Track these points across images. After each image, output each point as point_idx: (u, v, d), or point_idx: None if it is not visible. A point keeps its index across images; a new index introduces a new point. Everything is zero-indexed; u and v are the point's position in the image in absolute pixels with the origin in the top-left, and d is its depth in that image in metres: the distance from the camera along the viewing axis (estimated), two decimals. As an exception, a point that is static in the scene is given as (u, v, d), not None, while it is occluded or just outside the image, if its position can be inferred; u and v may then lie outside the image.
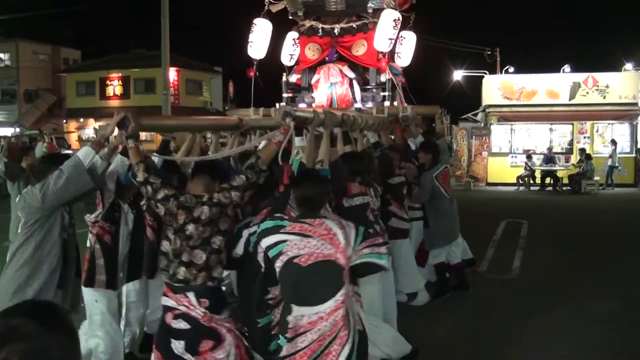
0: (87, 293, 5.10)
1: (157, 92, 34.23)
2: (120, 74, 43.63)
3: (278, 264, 3.81)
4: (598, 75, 25.32)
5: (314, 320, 3.67)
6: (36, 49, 46.85)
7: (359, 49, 8.33)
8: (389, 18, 7.99)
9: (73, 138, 44.23)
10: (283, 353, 3.77)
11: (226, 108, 44.78)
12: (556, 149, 24.64)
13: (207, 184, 4.36)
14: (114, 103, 43.35)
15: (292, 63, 8.78)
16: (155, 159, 5.41)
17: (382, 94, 8.22)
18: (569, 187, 22.55)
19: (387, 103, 7.86)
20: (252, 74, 8.86)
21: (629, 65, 32.43)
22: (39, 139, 14.28)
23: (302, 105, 7.59)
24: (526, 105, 25.46)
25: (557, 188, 22.83)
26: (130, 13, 73.46)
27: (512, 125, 25.05)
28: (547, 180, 23.01)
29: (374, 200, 5.54)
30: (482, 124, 26.69)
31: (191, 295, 4.07)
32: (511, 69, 31.91)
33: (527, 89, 25.91)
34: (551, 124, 25.11)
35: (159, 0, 26.13)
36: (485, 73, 28.62)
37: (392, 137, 7.53)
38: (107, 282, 5.08)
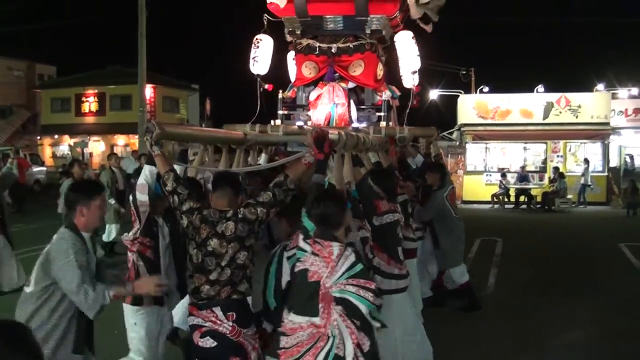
0: (130, 314, 4.90)
1: (134, 109, 34.05)
2: (96, 91, 43.32)
3: (294, 270, 3.94)
4: (571, 96, 25.70)
5: (294, 327, 3.81)
6: (11, 64, 46.36)
7: (356, 69, 8.38)
8: (408, 37, 8.28)
9: (47, 154, 43.83)
10: (280, 344, 3.93)
11: (203, 125, 44.71)
12: (530, 168, 24.95)
13: (230, 198, 4.30)
14: (90, 119, 43.16)
15: (292, 81, 8.87)
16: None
17: (377, 114, 8.27)
18: (543, 205, 22.77)
19: (382, 123, 7.94)
20: (262, 88, 8.84)
21: (600, 86, 32.98)
22: (12, 154, 14.16)
23: (299, 123, 7.64)
24: (500, 125, 25.73)
25: (531, 206, 23.08)
26: (107, 29, 73.21)
27: (486, 143, 25.33)
28: (522, 198, 23.27)
29: (401, 216, 5.61)
30: (458, 143, 26.94)
31: (217, 310, 4.05)
32: (486, 89, 32.28)
33: (502, 109, 26.21)
34: (525, 143, 25.42)
35: (136, 17, 26.14)
36: (461, 92, 28.91)
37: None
38: (154, 298, 4.89)
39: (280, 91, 8.64)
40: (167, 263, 5.09)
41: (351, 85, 8.50)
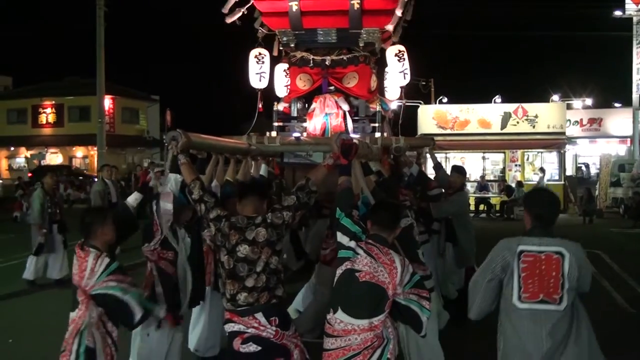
0: (146, 323, 4.79)
1: (92, 120, 33.63)
2: (53, 102, 42.61)
3: (342, 268, 3.98)
4: (527, 106, 26.27)
5: (347, 330, 3.88)
6: (-36, 76, 45.49)
7: (350, 81, 8.48)
8: (392, 53, 8.38)
9: (3, 166, 42.93)
10: (324, 345, 3.99)
11: (164, 137, 44.32)
12: (489, 177, 25.35)
13: (256, 205, 4.36)
14: (47, 131, 42.36)
15: (286, 94, 8.85)
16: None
17: (371, 125, 8.34)
18: (502, 214, 23.10)
19: (377, 134, 7.98)
20: (260, 105, 8.87)
21: (555, 97, 33.82)
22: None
23: (295, 134, 7.69)
24: (460, 135, 26.14)
25: (491, 214, 23.41)
26: (65, 40, 72.27)
27: (446, 153, 25.65)
28: (481, 207, 23.58)
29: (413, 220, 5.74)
30: (417, 152, 27.16)
31: (259, 316, 4.10)
32: (445, 99, 32.76)
33: (461, 119, 26.66)
34: (484, 153, 25.85)
35: (94, 28, 25.89)
36: (420, 103, 29.26)
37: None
38: (167, 310, 4.92)
39: (276, 103, 8.69)
40: (184, 276, 5.12)
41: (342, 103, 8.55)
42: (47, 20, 67.82)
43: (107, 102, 35.50)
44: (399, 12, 8.21)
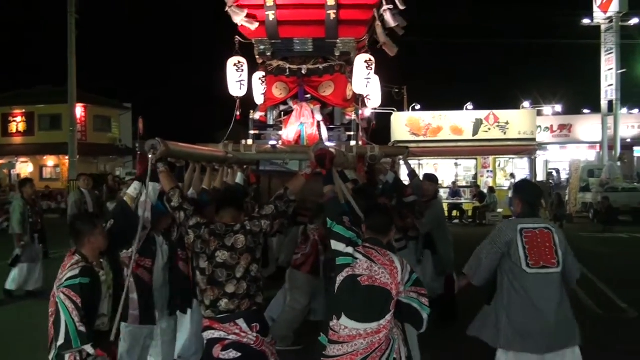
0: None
1: (64, 129, 33.18)
2: (24, 110, 41.93)
3: (342, 275, 3.98)
4: (499, 113, 26.63)
5: (353, 335, 3.90)
6: None
7: (326, 90, 8.56)
8: (361, 60, 8.39)
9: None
10: (327, 352, 3.97)
11: (136, 145, 43.91)
12: (461, 183, 25.61)
13: (234, 215, 4.42)
14: (17, 140, 41.71)
15: (262, 102, 8.87)
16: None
17: (347, 133, 8.39)
18: (475, 220, 23.32)
19: (352, 142, 8.03)
20: (238, 113, 8.86)
21: (526, 103, 34.33)
22: None
23: (271, 143, 7.72)
24: (432, 141, 26.39)
25: (463, 220, 23.63)
26: (36, 48, 71.44)
27: (419, 160, 25.84)
28: (454, 213, 23.78)
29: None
30: (391, 160, 27.34)
31: (241, 322, 4.14)
32: (418, 107, 33.04)
33: (433, 126, 26.91)
34: (456, 159, 26.14)
35: (66, 36, 25.66)
36: (394, 110, 29.47)
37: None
38: (140, 317, 4.93)
39: (252, 112, 8.71)
40: (162, 282, 5.16)
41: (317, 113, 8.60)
42: (17, 28, 67.00)
43: (79, 110, 35.10)
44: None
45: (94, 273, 4.13)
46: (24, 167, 40.90)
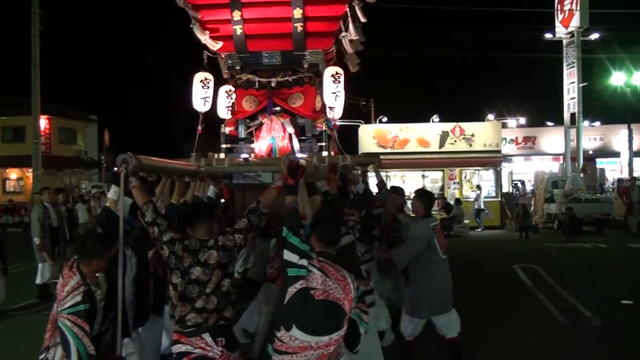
0: None
1: (27, 141, 32.69)
2: (-15, 122, 41.25)
3: (295, 286, 3.97)
4: (464, 125, 26.97)
5: (304, 346, 3.92)
6: None
7: (296, 101, 8.58)
8: (329, 73, 8.37)
9: None
10: None
11: (102, 157, 43.45)
12: (428, 195, 25.76)
13: (207, 228, 4.41)
14: (-21, 152, 40.91)
15: (228, 115, 8.83)
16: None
17: (318, 144, 8.42)
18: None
19: (324, 153, 8.05)
20: (200, 128, 8.80)
21: (491, 116, 34.82)
22: None
23: (243, 156, 7.70)
24: (399, 153, 26.57)
25: (431, 231, 23.69)
26: (-1, 58, 70.22)
27: (387, 172, 25.97)
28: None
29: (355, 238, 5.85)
30: (359, 172, 27.44)
31: (207, 336, 4.14)
32: (385, 119, 33.29)
33: (400, 138, 27.14)
34: (423, 171, 26.32)
35: (29, 45, 25.34)
36: (361, 122, 29.62)
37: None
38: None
39: (223, 125, 8.70)
40: (132, 294, 5.14)
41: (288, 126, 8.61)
42: (-22, 37, 65.82)
43: (43, 122, 34.62)
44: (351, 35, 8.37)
45: (93, 298, 4.25)
46: (-14, 180, 40.14)
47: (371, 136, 27.49)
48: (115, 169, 5.13)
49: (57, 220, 11.59)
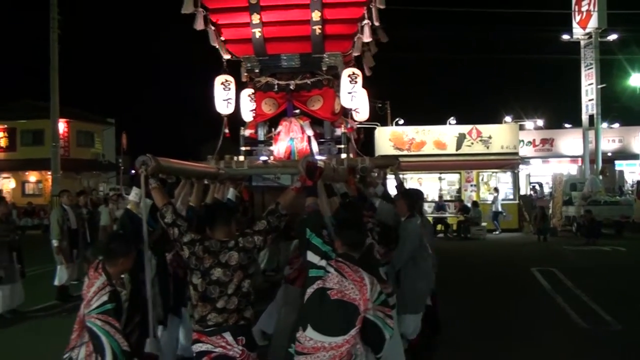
0: None
1: (46, 144, 32.94)
2: (6, 126, 41.48)
3: (313, 287, 4.02)
4: (481, 127, 26.82)
5: (317, 347, 3.94)
6: None
7: (315, 104, 8.64)
8: (345, 75, 8.46)
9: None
10: None
11: (119, 160, 43.73)
12: (446, 197, 25.70)
13: (226, 230, 4.47)
14: (-1, 156, 41.34)
15: (251, 118, 8.90)
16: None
17: (337, 146, 8.49)
18: (459, 233, 23.36)
19: (343, 155, 8.06)
20: (226, 131, 8.89)
21: (508, 118, 34.58)
22: None
23: (263, 158, 7.74)
24: (416, 156, 26.44)
25: (448, 234, 23.67)
26: (18, 62, 71.02)
27: (403, 175, 25.87)
28: (439, 227, 23.81)
29: (374, 241, 5.80)
30: (381, 172, 27.39)
31: (227, 335, 4.20)
32: (401, 121, 33.20)
33: (417, 140, 27.05)
34: (440, 173, 26.22)
35: (48, 50, 25.55)
36: (377, 125, 29.59)
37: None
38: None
39: (242, 128, 8.76)
40: (154, 295, 5.11)
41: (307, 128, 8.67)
42: (-2, 42, 66.53)
43: (62, 125, 34.87)
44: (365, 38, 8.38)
45: (119, 298, 4.34)
46: (6, 183, 40.51)
47: (387, 138, 27.43)
48: (134, 171, 5.14)
49: (76, 222, 11.67)
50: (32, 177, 41.02)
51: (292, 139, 8.40)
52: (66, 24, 26.26)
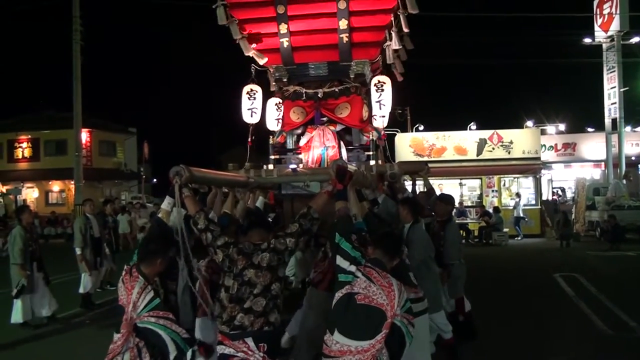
0: None
1: (69, 154, 33.36)
2: (29, 136, 41.98)
3: (341, 291, 4.10)
4: (502, 132, 26.72)
5: (343, 351, 4.01)
6: (-62, 110, 44.77)
7: (343, 112, 8.72)
8: (373, 83, 8.55)
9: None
10: None
11: (141, 169, 44.08)
12: (467, 203, 25.59)
13: (262, 236, 4.58)
14: (23, 165, 41.81)
15: (278, 127, 9.00)
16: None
17: (366, 153, 8.55)
18: (481, 239, 23.24)
19: (372, 162, 8.12)
20: (250, 140, 9.03)
21: (529, 123, 34.34)
22: None
23: (292, 166, 7.84)
24: (437, 161, 26.35)
25: (470, 240, 23.58)
26: (42, 73, 71.92)
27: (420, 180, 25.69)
28: (460, 232, 23.67)
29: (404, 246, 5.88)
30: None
31: (249, 341, 4.25)
32: (421, 127, 33.12)
33: (437, 146, 27.03)
34: (461, 179, 26.13)
35: (71, 61, 25.88)
36: (397, 131, 29.53)
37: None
38: (198, 344, 5.12)
39: (271, 137, 8.87)
40: (185, 303, 5.21)
41: (339, 127, 8.82)
42: (23, 53, 67.51)
43: (84, 135, 35.26)
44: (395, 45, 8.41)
45: (159, 295, 4.46)
46: (30, 193, 41.01)
47: (408, 145, 27.44)
48: (154, 180, 5.23)
49: (99, 231, 11.83)
50: (56, 186, 41.49)
51: (325, 147, 8.46)
52: (88, 34, 26.62)
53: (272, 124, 9.13)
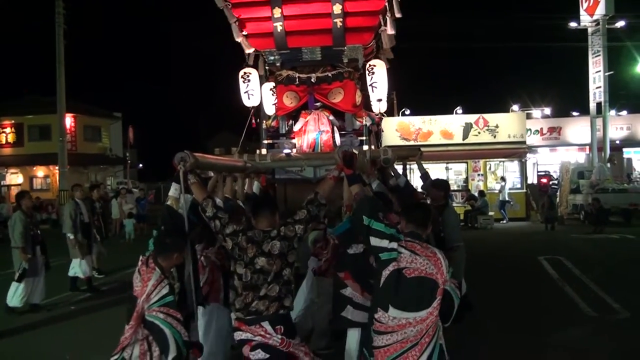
0: None
1: (53, 139, 33.10)
2: (13, 121, 41.58)
3: (388, 269, 4.13)
4: (488, 116, 26.80)
5: (403, 324, 4.07)
6: None
7: (336, 97, 8.74)
8: (378, 65, 8.57)
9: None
10: (376, 343, 4.18)
11: (127, 154, 43.83)
12: (453, 187, 25.64)
13: (270, 220, 4.57)
14: (7, 151, 41.40)
15: (274, 112, 8.98)
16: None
17: (359, 138, 8.55)
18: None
19: (365, 147, 8.10)
20: (254, 122, 8.99)
21: (515, 107, 34.46)
22: None
23: (286, 151, 7.80)
24: (423, 146, 26.30)
25: (456, 224, 23.54)
26: (24, 58, 71.18)
27: (410, 165, 25.78)
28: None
29: None
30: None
31: (266, 324, 4.31)
32: (407, 111, 33.13)
33: (423, 130, 27.07)
34: (447, 163, 26.19)
35: (54, 45, 25.62)
36: (384, 115, 29.48)
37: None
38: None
39: (264, 121, 8.85)
40: (190, 288, 5.25)
41: (333, 120, 8.81)
42: (5, 37, 66.72)
43: (69, 120, 35.00)
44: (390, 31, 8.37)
45: (174, 289, 4.51)
46: (14, 178, 40.64)
47: (394, 129, 27.44)
48: (139, 165, 5.18)
49: (88, 216, 11.78)
50: (40, 172, 41.17)
51: (320, 132, 8.45)
52: (72, 18, 26.35)
53: (270, 109, 9.12)
